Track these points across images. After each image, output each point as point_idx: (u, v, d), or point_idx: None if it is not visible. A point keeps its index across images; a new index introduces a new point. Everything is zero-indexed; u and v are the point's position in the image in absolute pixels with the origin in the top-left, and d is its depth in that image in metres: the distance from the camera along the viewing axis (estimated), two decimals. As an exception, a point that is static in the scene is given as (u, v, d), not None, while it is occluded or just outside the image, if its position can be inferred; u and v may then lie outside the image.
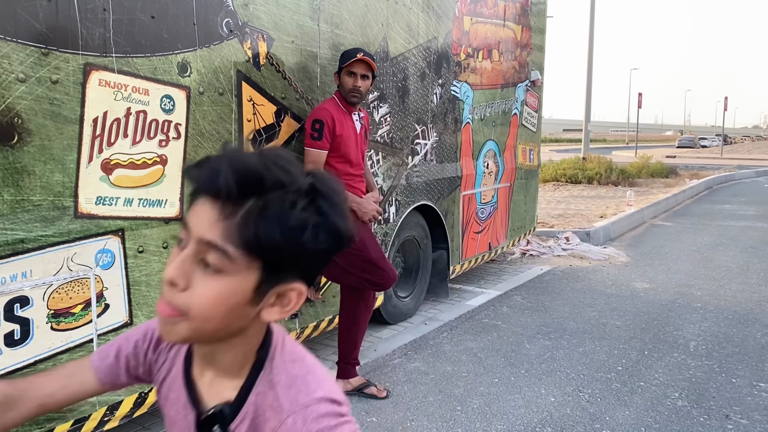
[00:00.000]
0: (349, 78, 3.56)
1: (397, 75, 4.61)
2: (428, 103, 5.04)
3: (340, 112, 3.60)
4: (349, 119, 3.63)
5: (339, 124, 3.54)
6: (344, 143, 3.57)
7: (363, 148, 3.75)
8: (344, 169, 3.61)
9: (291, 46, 3.61)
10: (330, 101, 3.64)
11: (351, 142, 3.61)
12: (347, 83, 3.56)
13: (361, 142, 3.71)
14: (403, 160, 4.78)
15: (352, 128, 3.64)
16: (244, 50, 3.32)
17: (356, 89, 3.55)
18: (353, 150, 3.64)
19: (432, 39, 5.01)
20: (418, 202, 5.03)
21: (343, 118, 3.59)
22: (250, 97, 3.38)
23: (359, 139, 3.69)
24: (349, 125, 3.61)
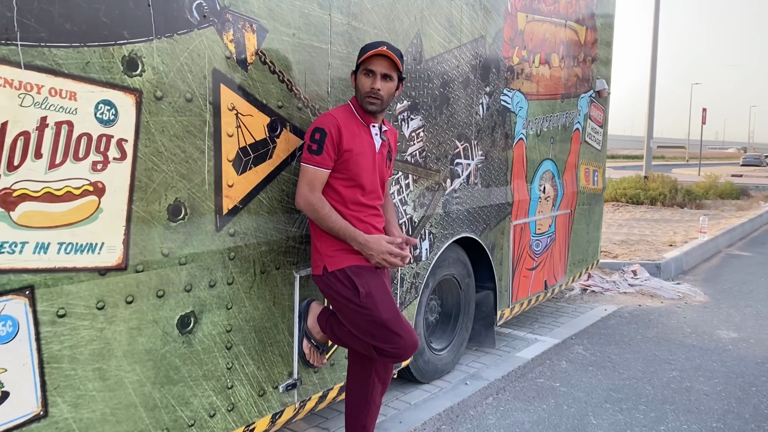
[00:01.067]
0: (366, 78, 2.73)
1: (434, 80, 3.75)
2: (472, 115, 4.16)
3: (353, 122, 2.78)
4: (364, 132, 2.80)
5: (349, 135, 2.72)
6: (355, 162, 2.74)
7: (384, 171, 2.91)
8: (352, 196, 2.78)
9: (292, 40, 2.80)
10: (342, 108, 2.82)
11: (365, 161, 2.78)
12: (363, 85, 2.74)
13: (380, 164, 2.86)
14: (440, 184, 3.91)
15: (369, 144, 2.80)
16: (225, 43, 2.52)
17: (374, 92, 2.71)
18: (368, 172, 2.80)
19: (478, 38, 4.14)
20: (458, 235, 4.14)
21: (356, 129, 2.77)
22: (232, 105, 2.57)
23: (378, 159, 2.85)
24: (363, 139, 2.78)
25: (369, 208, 2.84)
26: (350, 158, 2.72)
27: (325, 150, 2.66)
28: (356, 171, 2.75)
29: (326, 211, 2.68)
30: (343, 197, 2.76)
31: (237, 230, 2.65)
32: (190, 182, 2.44)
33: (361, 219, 2.80)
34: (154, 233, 2.33)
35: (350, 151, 2.71)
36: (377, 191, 2.87)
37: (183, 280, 2.44)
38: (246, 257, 2.69)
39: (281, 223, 2.85)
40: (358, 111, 2.79)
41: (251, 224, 2.71)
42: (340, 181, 2.75)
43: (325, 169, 2.69)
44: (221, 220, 2.58)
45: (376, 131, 2.84)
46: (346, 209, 2.77)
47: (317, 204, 2.67)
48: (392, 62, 2.70)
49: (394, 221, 3.03)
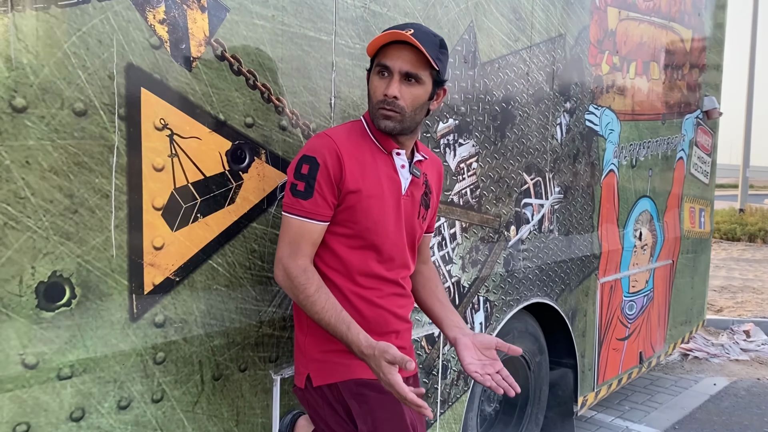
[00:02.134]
0: (378, 79, 1.74)
1: (493, 92, 2.73)
2: (547, 140, 3.10)
3: (365, 148, 1.78)
4: (383, 163, 1.80)
5: (356, 168, 1.74)
6: (365, 210, 1.75)
7: (415, 224, 1.88)
8: (361, 264, 1.78)
9: (271, 25, 1.85)
10: (348, 126, 1.82)
11: (383, 209, 1.77)
12: (374, 89, 1.74)
13: (409, 213, 1.85)
14: (501, 233, 2.86)
15: (390, 182, 1.79)
16: (150, 24, 1.59)
17: (388, 101, 1.71)
18: (387, 226, 1.79)
19: (556, 37, 3.09)
20: (526, 301, 3.07)
21: (368, 158, 1.77)
22: (162, 122, 1.63)
23: (407, 206, 1.84)
24: (381, 174, 1.78)
25: (388, 283, 1.83)
26: (358, 204, 1.73)
27: (317, 191, 1.68)
28: (367, 224, 1.75)
29: (312, 291, 1.67)
30: (346, 265, 1.77)
31: (170, 317, 1.69)
32: (82, 246, 1.51)
33: (372, 301, 1.80)
34: (10, 331, 1.40)
35: (358, 193, 1.73)
36: (403, 256, 1.86)
37: (67, 403, 1.50)
38: (186, 358, 1.73)
39: (249, 300, 1.88)
40: (374, 132, 1.80)
41: (196, 306, 1.75)
42: (342, 239, 1.76)
43: (318, 221, 1.70)
44: (140, 302, 1.63)
45: (403, 162, 1.83)
46: (349, 284, 1.78)
47: (300, 278, 1.68)
48: (421, 56, 1.70)
49: (448, 305, 2.00)
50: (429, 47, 1.68)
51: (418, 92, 1.73)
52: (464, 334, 1.86)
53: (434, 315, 1.98)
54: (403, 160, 1.83)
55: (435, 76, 1.76)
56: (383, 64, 1.71)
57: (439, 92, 1.83)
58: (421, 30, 1.71)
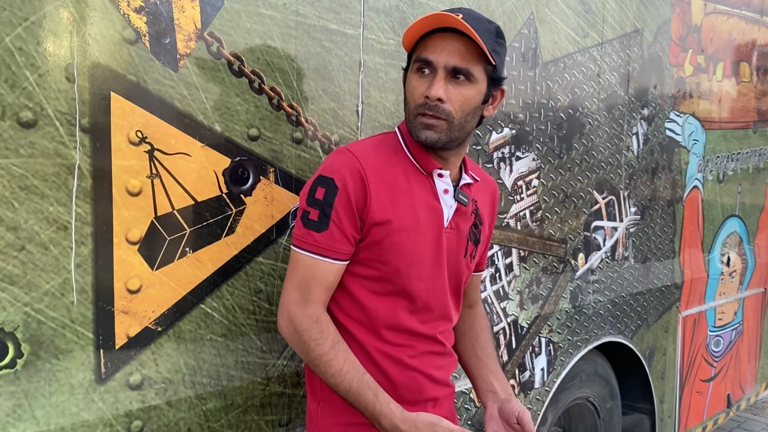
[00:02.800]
0: (417, 78, 1.35)
1: (558, 96, 2.32)
2: (621, 152, 2.66)
3: (396, 165, 1.40)
4: (420, 187, 1.41)
5: (384, 194, 1.36)
6: (396, 247, 1.37)
7: (460, 264, 1.50)
8: (390, 315, 1.40)
9: (282, 17, 1.51)
10: (377, 140, 1.45)
11: (420, 246, 1.39)
12: (412, 91, 1.36)
13: (453, 250, 1.46)
14: (567, 262, 2.44)
15: (428, 209, 1.41)
16: (123, 14, 1.27)
17: (429, 105, 1.32)
18: (424, 268, 1.41)
19: (632, 33, 2.66)
20: (597, 340, 2.63)
21: (402, 181, 1.39)
22: (140, 135, 1.31)
23: (450, 241, 1.45)
24: (417, 201, 1.40)
25: (423, 339, 1.44)
26: (386, 239, 1.36)
27: (334, 222, 1.32)
28: (398, 265, 1.38)
29: (327, 348, 1.31)
30: (369, 315, 1.39)
31: (149, 377, 1.36)
32: (31, 291, 1.20)
33: (402, 362, 1.42)
34: (-70, 402, 1.10)
35: (387, 225, 1.35)
36: (443, 306, 1.47)
37: (10, 488, 1.18)
38: (171, 426, 1.39)
39: (254, 352, 1.53)
40: (411, 146, 1.42)
41: (184, 361, 1.41)
42: (366, 282, 1.39)
43: (334, 259, 1.34)
44: (110, 359, 1.31)
45: (447, 186, 1.44)
46: (374, 339, 1.40)
47: (311, 331, 1.32)
48: (473, 46, 1.31)
49: (488, 361, 1.61)
50: (484, 36, 1.30)
51: (470, 93, 1.34)
52: (496, 399, 1.53)
53: (469, 373, 1.63)
54: (447, 184, 1.44)
55: (491, 73, 1.37)
56: (424, 59, 1.32)
57: (495, 94, 1.43)
58: (472, 15, 1.33)
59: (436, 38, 1.32)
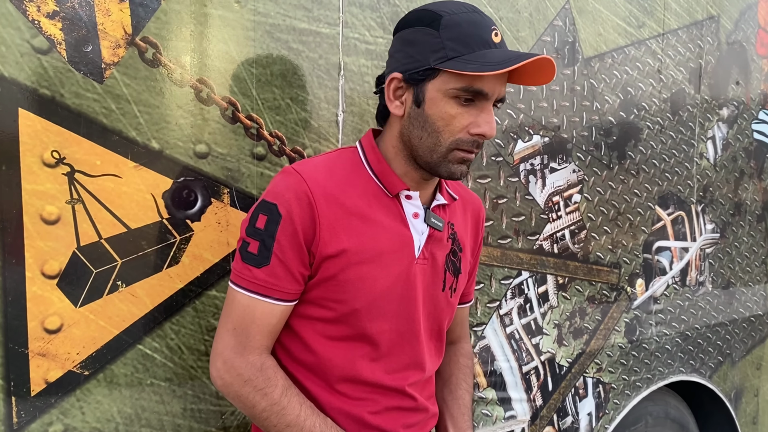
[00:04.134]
0: (456, 107, 1.09)
1: (605, 97, 2.00)
2: (691, 160, 2.28)
3: (355, 185, 1.17)
4: (385, 209, 1.18)
5: (339, 220, 1.13)
6: (353, 284, 1.14)
7: (438, 300, 1.25)
8: (347, 364, 1.18)
9: (235, 17, 1.33)
10: (332, 156, 1.22)
11: (381, 280, 1.15)
12: (448, 120, 1.10)
13: (427, 284, 1.22)
14: (621, 289, 2.09)
15: (394, 237, 1.17)
16: (33, 19, 1.13)
17: (476, 144, 1.12)
18: (388, 306, 1.17)
19: (704, 21, 2.27)
20: (662, 380, 2.26)
21: (360, 203, 1.16)
22: (57, 155, 1.16)
23: (421, 274, 1.21)
24: (379, 227, 1.16)
25: (388, 392, 1.21)
26: (341, 274, 1.14)
27: (276, 256, 1.10)
28: (356, 305, 1.15)
29: (278, 395, 1.11)
30: (323, 364, 1.17)
31: (73, 426, 1.21)
32: None
33: (362, 420, 1.18)
34: None
35: (341, 258, 1.13)
36: (415, 352, 1.24)
37: None
38: (99, 484, 1.23)
39: (206, 398, 1.35)
40: (374, 164, 1.19)
41: (118, 409, 1.25)
42: (318, 325, 1.17)
43: (277, 299, 1.12)
44: (24, 407, 1.16)
45: (416, 209, 1.20)
46: (327, 393, 1.18)
47: (256, 380, 1.11)
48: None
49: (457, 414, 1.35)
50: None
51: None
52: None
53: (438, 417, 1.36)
54: (417, 207, 1.20)
55: None
56: (478, 90, 1.07)
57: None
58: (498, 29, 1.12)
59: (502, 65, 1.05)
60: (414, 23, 1.12)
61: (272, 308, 1.12)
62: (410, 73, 1.11)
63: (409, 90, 1.13)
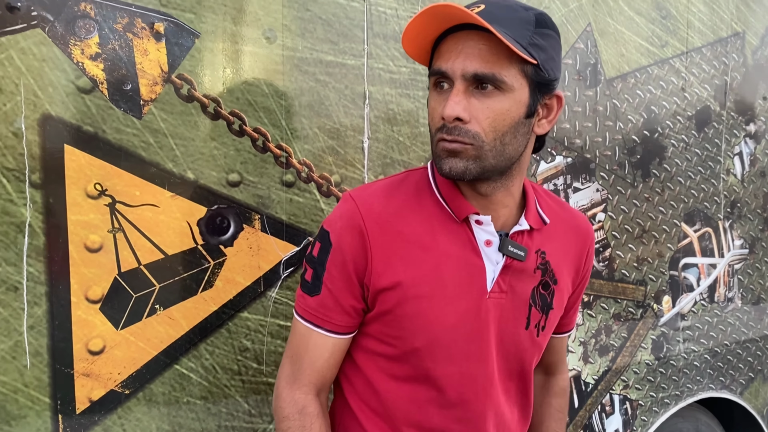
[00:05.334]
0: (435, 96, 1.03)
1: (627, 117, 2.02)
2: (717, 176, 2.28)
3: (419, 211, 1.10)
4: (452, 236, 1.09)
5: (396, 250, 1.07)
6: (411, 319, 1.07)
7: (520, 340, 1.15)
8: (413, 407, 1.12)
9: (265, 52, 1.40)
10: (397, 179, 1.15)
11: (446, 316, 1.08)
12: (430, 113, 1.04)
13: (505, 322, 1.12)
14: (647, 306, 2.11)
15: (462, 267, 1.09)
16: (77, 62, 1.21)
17: (447, 128, 1.00)
18: (454, 346, 1.09)
19: (729, 38, 2.28)
20: (691, 396, 2.25)
21: (421, 230, 1.09)
22: (100, 187, 1.24)
23: (496, 310, 1.11)
24: (443, 256, 1.08)
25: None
26: (398, 308, 1.08)
27: (327, 287, 1.09)
28: (416, 343, 1.09)
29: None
30: (386, 405, 1.13)
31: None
32: (-22, 354, 1.16)
33: None
34: None
35: (398, 290, 1.07)
36: (489, 399, 1.14)
37: None
38: (139, 497, 1.30)
39: (240, 415, 1.41)
40: (441, 186, 1.11)
41: (157, 426, 1.32)
42: (382, 362, 1.13)
43: (329, 331, 1.10)
44: (70, 425, 1.24)
45: (489, 235, 1.10)
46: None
47: (291, 421, 1.09)
48: (498, 43, 0.96)
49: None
50: (512, 26, 0.98)
51: (502, 105, 0.99)
52: None
53: None
54: (490, 233, 1.10)
55: (533, 75, 1.00)
56: (437, 69, 1.01)
57: (548, 102, 1.06)
58: (498, 4, 1.00)
59: (451, 41, 1.00)
60: None
61: (324, 340, 1.10)
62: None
63: None
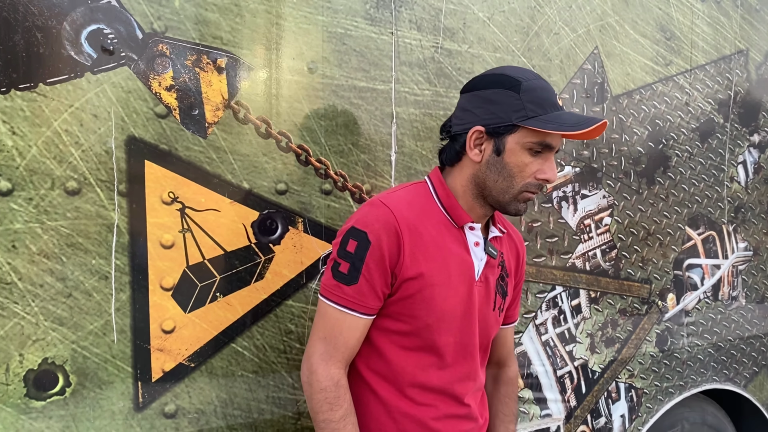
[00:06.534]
0: (527, 156, 1.34)
1: (633, 130, 2.23)
2: (721, 184, 2.47)
3: (429, 217, 1.40)
4: (452, 238, 1.42)
5: (418, 247, 1.36)
6: (428, 301, 1.37)
7: (489, 318, 1.48)
8: (417, 372, 1.41)
9: (308, 80, 1.65)
10: (411, 190, 1.45)
11: (450, 299, 1.39)
12: (521, 167, 1.35)
13: (482, 303, 1.46)
14: (651, 303, 2.30)
15: (459, 262, 1.41)
16: (155, 92, 1.48)
17: (540, 187, 1.39)
18: (454, 322, 1.41)
19: (733, 56, 2.46)
20: (695, 387, 2.44)
21: (432, 232, 1.39)
22: (172, 195, 1.51)
23: (480, 294, 1.45)
24: (448, 253, 1.40)
25: (449, 400, 1.44)
26: (418, 294, 1.36)
27: (364, 277, 1.33)
28: (429, 320, 1.37)
29: (339, 416, 1.33)
30: (395, 371, 1.41)
31: (183, 407, 1.54)
32: (78, 331, 1.43)
33: (425, 425, 1.42)
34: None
35: (419, 280, 1.35)
36: (472, 363, 1.47)
37: (60, 497, 1.42)
38: (202, 452, 1.57)
39: (285, 388, 1.66)
40: (444, 199, 1.43)
41: (216, 395, 1.58)
42: (395, 337, 1.40)
43: (362, 314, 1.35)
44: (147, 391, 1.51)
45: (477, 238, 1.45)
46: (396, 398, 1.41)
47: (328, 392, 1.34)
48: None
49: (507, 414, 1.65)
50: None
51: None
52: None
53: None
54: (478, 237, 1.44)
55: None
56: (548, 144, 1.33)
57: None
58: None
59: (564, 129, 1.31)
60: (494, 85, 1.35)
61: (357, 321, 1.34)
62: (493, 126, 1.33)
63: (489, 141, 1.35)
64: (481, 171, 1.38)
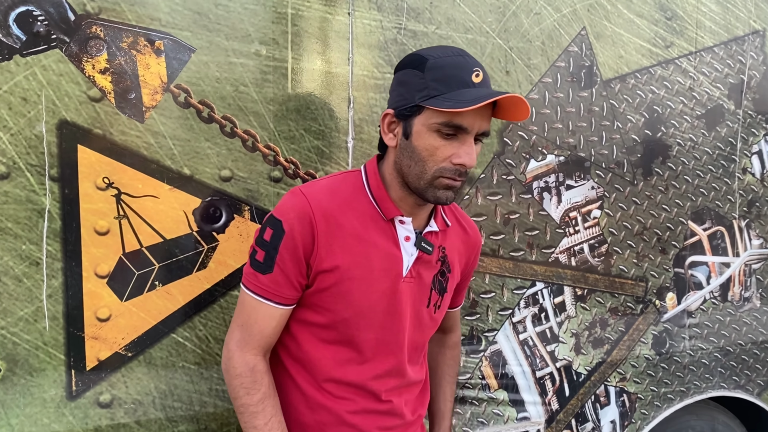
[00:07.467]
0: (437, 139, 1.23)
1: (627, 117, 2.08)
2: (731, 176, 2.28)
3: (354, 208, 1.33)
4: (380, 231, 1.34)
5: (336, 239, 1.30)
6: (344, 296, 1.32)
7: (422, 315, 1.42)
8: (333, 365, 1.37)
9: (256, 63, 1.59)
10: (337, 179, 1.38)
11: (369, 294, 1.33)
12: (432, 151, 1.25)
13: (413, 300, 1.39)
14: (648, 302, 2.15)
15: (385, 257, 1.34)
16: (88, 76, 1.45)
17: (458, 172, 1.25)
18: (374, 318, 1.35)
19: (745, 37, 2.27)
20: (699, 394, 2.27)
21: (356, 224, 1.32)
22: (107, 181, 1.48)
23: (407, 291, 1.37)
24: (372, 247, 1.33)
25: (366, 395, 1.39)
26: (334, 287, 1.31)
27: (279, 266, 1.29)
28: (345, 314, 1.33)
29: (256, 400, 1.30)
30: (312, 363, 1.37)
31: (118, 397, 1.51)
32: (7, 317, 1.41)
33: (340, 417, 1.37)
34: None
35: (335, 273, 1.30)
36: (396, 361, 1.40)
37: (-11, 484, 1.41)
38: (138, 444, 1.53)
39: (229, 382, 1.61)
40: (374, 190, 1.35)
41: (155, 385, 1.54)
42: (313, 328, 1.36)
43: (277, 303, 1.31)
44: (81, 379, 1.48)
45: (408, 232, 1.36)
46: (313, 389, 1.38)
47: (244, 378, 1.31)
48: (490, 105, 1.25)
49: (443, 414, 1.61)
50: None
51: (478, 149, 1.29)
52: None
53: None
54: (409, 231, 1.36)
55: None
56: (458, 125, 1.21)
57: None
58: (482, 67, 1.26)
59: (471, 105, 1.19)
60: (406, 66, 1.29)
61: (273, 311, 1.31)
62: (400, 109, 1.28)
63: (399, 124, 1.29)
64: (398, 156, 1.31)
